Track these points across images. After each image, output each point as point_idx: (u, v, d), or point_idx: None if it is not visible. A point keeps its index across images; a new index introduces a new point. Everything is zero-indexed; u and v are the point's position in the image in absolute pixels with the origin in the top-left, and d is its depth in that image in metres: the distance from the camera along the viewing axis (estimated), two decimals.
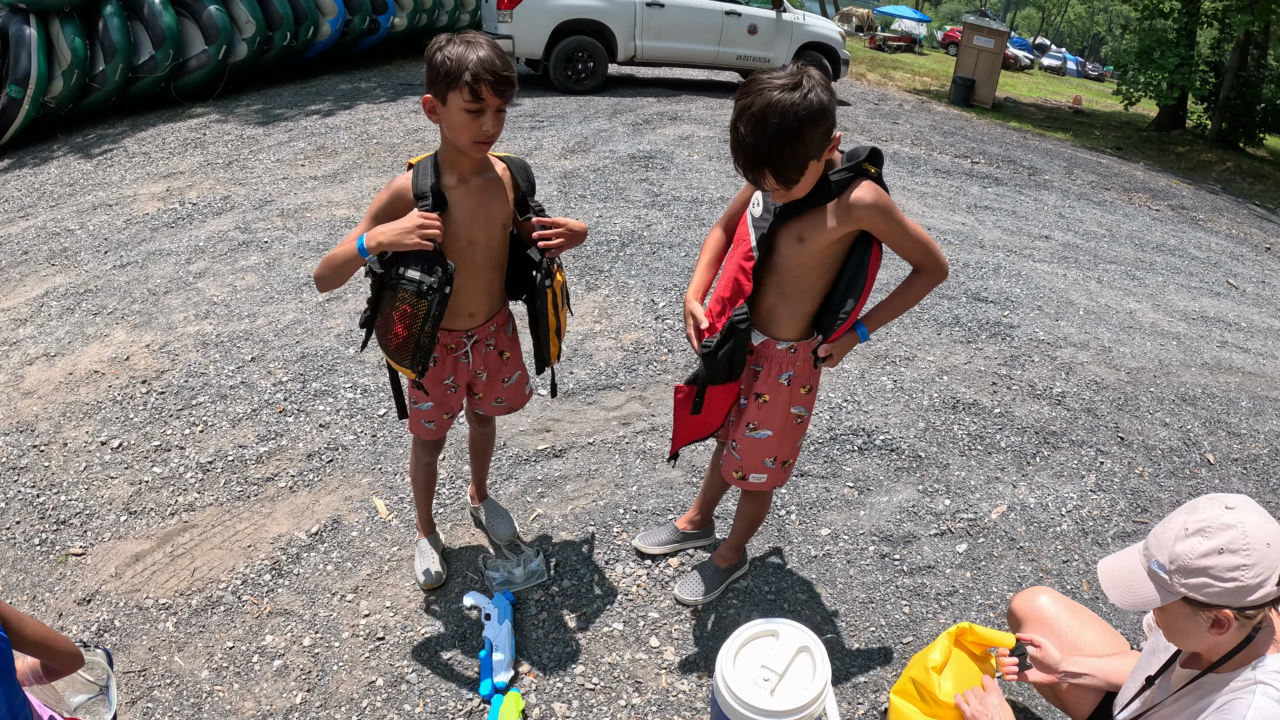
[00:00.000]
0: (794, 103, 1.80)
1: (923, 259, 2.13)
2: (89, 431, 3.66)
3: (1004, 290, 5.70)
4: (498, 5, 10.45)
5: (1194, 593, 1.43)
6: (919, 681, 2.08)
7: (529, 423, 3.73)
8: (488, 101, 1.99)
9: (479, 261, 2.27)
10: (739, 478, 2.43)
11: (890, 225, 2.04)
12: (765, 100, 1.82)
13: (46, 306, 4.85)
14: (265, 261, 5.35)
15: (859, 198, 1.98)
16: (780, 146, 1.83)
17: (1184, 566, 1.43)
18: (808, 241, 2.06)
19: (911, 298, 2.21)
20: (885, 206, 2.01)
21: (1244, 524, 1.42)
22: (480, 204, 2.20)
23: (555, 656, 2.56)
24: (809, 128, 1.83)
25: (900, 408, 4.06)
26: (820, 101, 1.83)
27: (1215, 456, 4.03)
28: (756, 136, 1.84)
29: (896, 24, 40.20)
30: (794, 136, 1.82)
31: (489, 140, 2.06)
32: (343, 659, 2.55)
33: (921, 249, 2.11)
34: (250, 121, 9.08)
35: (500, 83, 1.98)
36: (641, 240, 5.79)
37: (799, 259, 2.10)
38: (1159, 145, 16.20)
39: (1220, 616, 1.43)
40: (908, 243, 2.09)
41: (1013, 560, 3.12)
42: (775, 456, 2.37)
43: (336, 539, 3.03)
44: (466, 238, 2.21)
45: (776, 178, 1.89)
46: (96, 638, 2.63)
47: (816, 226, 2.04)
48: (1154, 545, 1.51)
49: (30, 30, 8.62)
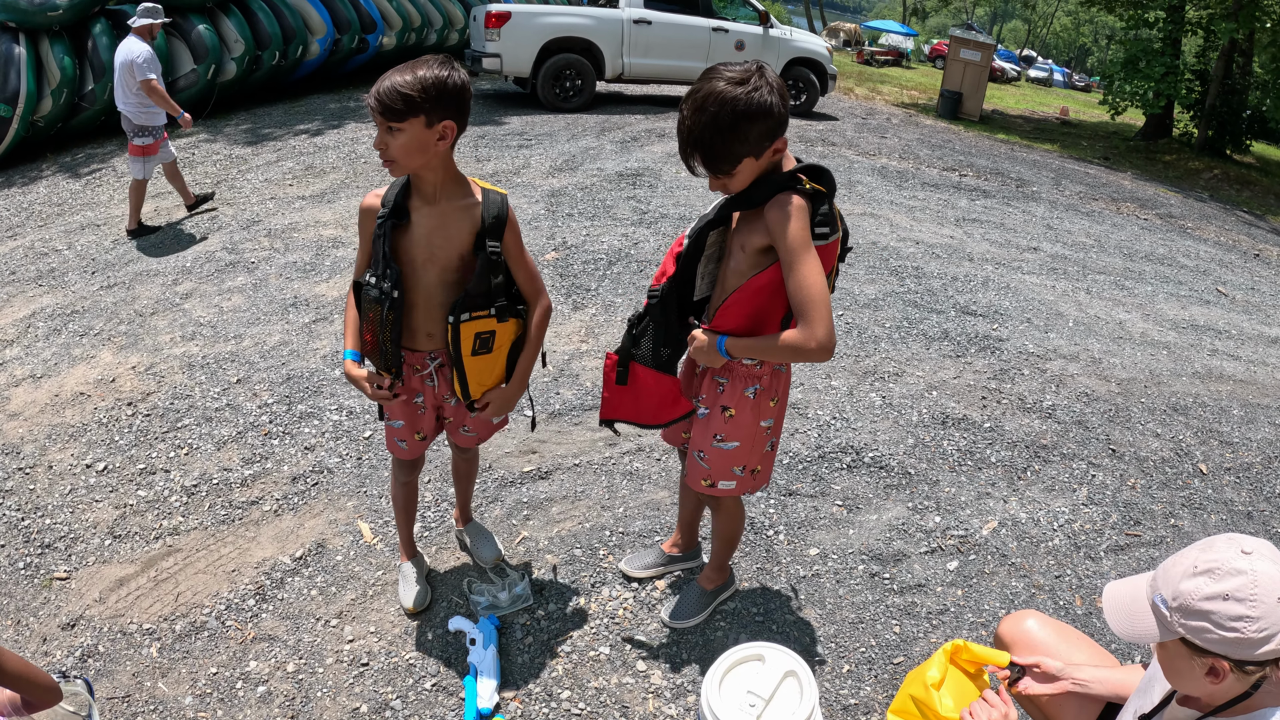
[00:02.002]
0: (735, 96, 1.83)
1: (798, 309, 1.94)
2: (74, 454, 3.63)
3: (993, 303, 5.71)
4: (485, 24, 10.49)
5: (1193, 636, 1.34)
6: (919, 699, 2.05)
7: (514, 444, 3.71)
8: (376, 121, 2.06)
9: (433, 281, 2.27)
10: (707, 485, 2.40)
11: (781, 246, 1.93)
12: (710, 88, 1.85)
13: (33, 327, 4.83)
14: (252, 282, 5.33)
15: (770, 206, 1.95)
16: (713, 134, 1.86)
17: (1185, 606, 1.34)
18: (746, 249, 2.07)
19: (776, 349, 2.02)
20: (783, 221, 1.91)
21: (1256, 572, 1.30)
22: (440, 226, 2.22)
23: (541, 681, 2.53)
24: (745, 123, 1.84)
25: (889, 424, 4.05)
26: (764, 101, 1.84)
27: (1208, 466, 4.03)
28: (693, 121, 1.88)
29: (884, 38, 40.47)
30: (728, 128, 1.85)
31: (382, 159, 2.10)
32: (327, 685, 2.52)
33: (799, 298, 1.92)
34: (239, 141, 9.08)
35: (377, 103, 2.01)
36: (629, 259, 5.79)
37: (744, 266, 2.09)
38: (1146, 154, 16.30)
39: (1217, 665, 1.34)
40: (790, 280, 1.93)
41: (1004, 577, 3.11)
42: (745, 465, 2.36)
43: (321, 563, 3.00)
44: (424, 255, 2.23)
45: (705, 164, 1.92)
46: (80, 663, 2.59)
47: (750, 235, 2.05)
48: (1161, 578, 1.42)
49: (19, 49, 8.63)
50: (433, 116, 2.05)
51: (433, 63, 2.05)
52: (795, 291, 1.93)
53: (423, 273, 2.25)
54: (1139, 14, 17.74)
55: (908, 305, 5.48)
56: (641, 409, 2.42)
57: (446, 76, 2.04)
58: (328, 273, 5.45)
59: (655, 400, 2.39)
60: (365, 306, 2.25)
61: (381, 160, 2.10)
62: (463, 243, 2.25)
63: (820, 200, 2.00)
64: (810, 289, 1.91)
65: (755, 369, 2.23)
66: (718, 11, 12.17)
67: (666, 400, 2.39)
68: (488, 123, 9.94)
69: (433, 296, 2.28)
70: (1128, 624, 1.44)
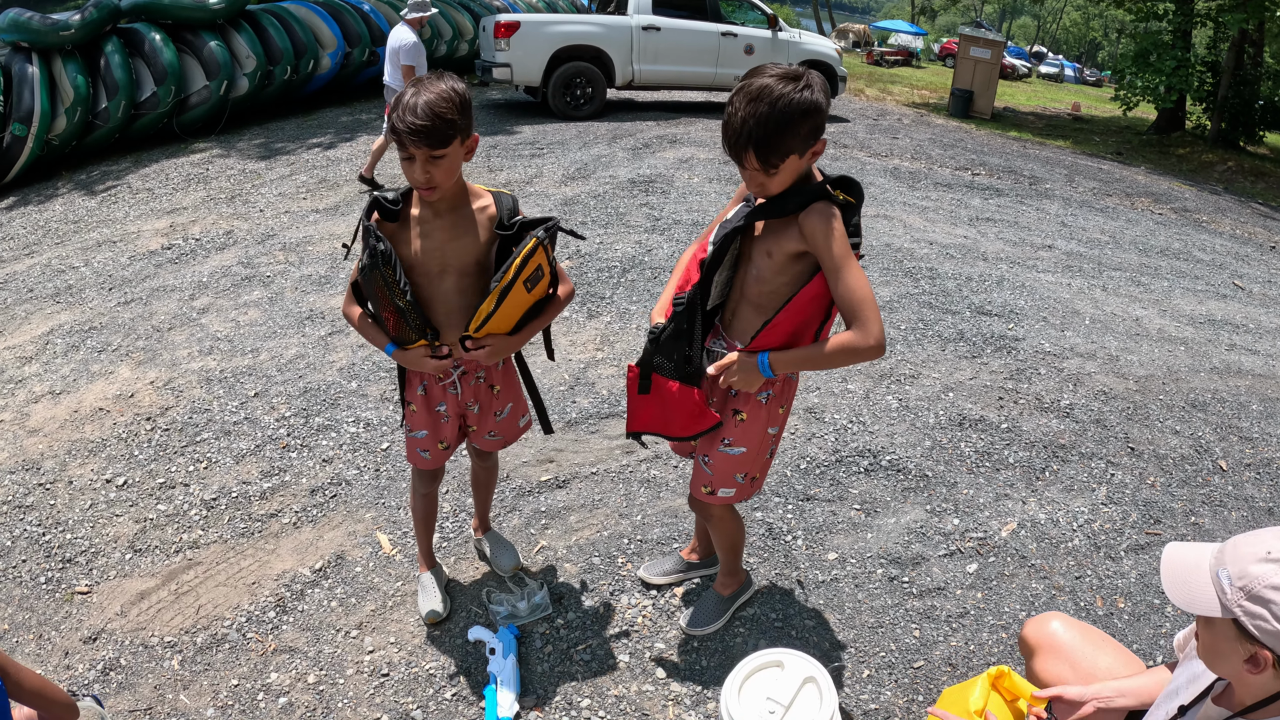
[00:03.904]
0: (789, 91, 1.87)
1: (850, 312, 1.99)
2: (94, 469, 3.66)
3: (1008, 302, 5.68)
4: (495, 33, 10.53)
5: (1248, 620, 1.30)
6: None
7: (532, 453, 3.71)
8: (412, 151, 2.03)
9: (450, 289, 2.28)
10: (707, 493, 2.40)
11: (826, 255, 1.97)
12: (764, 84, 1.89)
13: (52, 344, 4.88)
14: (268, 296, 5.37)
15: (808, 213, 1.99)
16: (768, 127, 1.88)
17: (1250, 590, 1.30)
18: (774, 256, 2.08)
19: (826, 356, 2.06)
20: (826, 231, 1.96)
21: None
22: (454, 237, 2.24)
23: (561, 690, 2.53)
24: (799, 118, 1.88)
25: (906, 427, 4.04)
26: (815, 100, 1.89)
27: (1228, 463, 3.99)
28: (747, 112, 1.89)
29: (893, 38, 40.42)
30: (782, 122, 1.87)
31: (425, 188, 2.10)
32: (347, 696, 2.52)
33: (852, 301, 1.97)
34: (252, 156, 9.15)
35: (414, 133, 1.98)
36: (643, 265, 5.79)
37: (770, 272, 2.10)
38: (1159, 148, 16.18)
39: (1260, 656, 1.31)
40: (839, 286, 1.98)
41: (1024, 579, 3.09)
42: (746, 472, 2.36)
43: (340, 575, 3.01)
44: (437, 267, 2.24)
45: (758, 156, 1.92)
46: (102, 676, 2.61)
47: (780, 241, 2.06)
48: (1230, 553, 1.37)
49: (33, 68, 8.74)
50: (464, 134, 2.10)
51: (438, 82, 2.06)
52: (846, 295, 1.98)
53: (438, 283, 2.26)
54: (1148, 6, 17.63)
55: (922, 306, 5.46)
56: (669, 420, 2.36)
57: (462, 90, 2.07)
58: (343, 285, 5.48)
59: (682, 412, 2.33)
60: (369, 283, 2.18)
61: (422, 190, 2.11)
62: (478, 246, 2.26)
63: (850, 211, 2.03)
64: (859, 290, 1.97)
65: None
66: (726, 16, 12.17)
67: (694, 412, 2.34)
68: (499, 132, 9.98)
69: (451, 305, 2.29)
70: (1182, 591, 1.39)
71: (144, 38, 9.45)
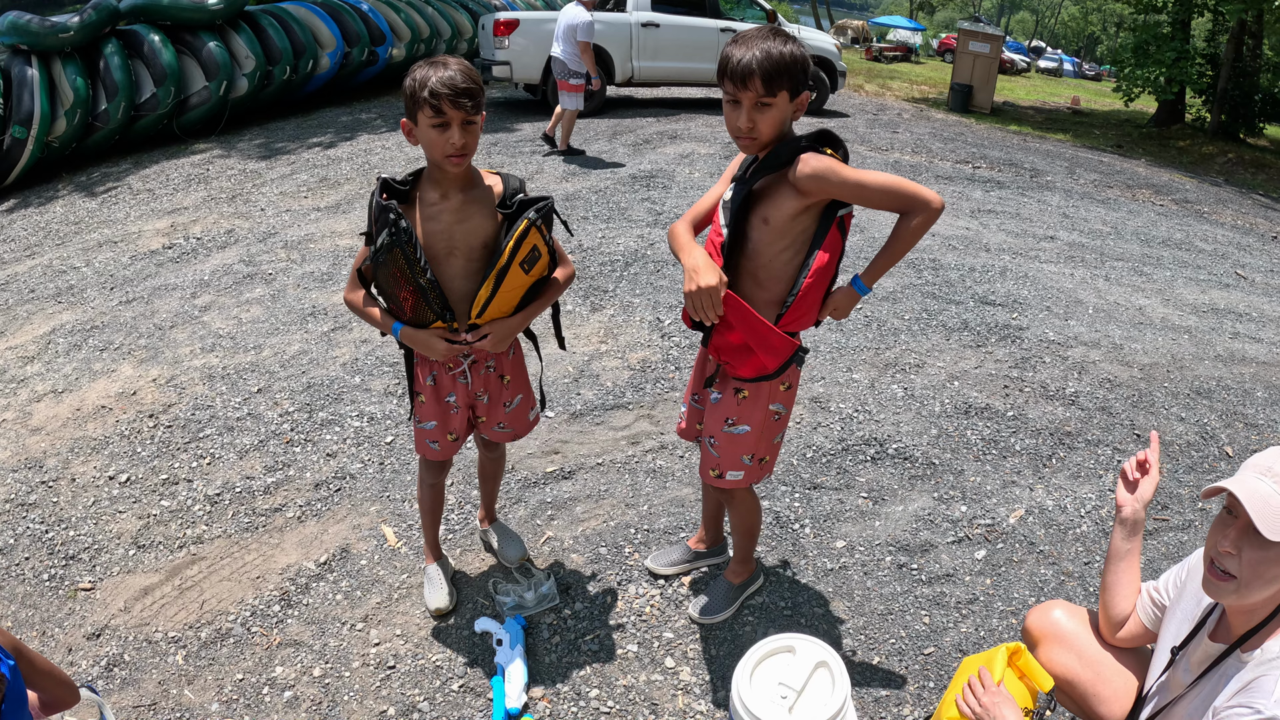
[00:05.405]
0: (786, 41, 2.01)
1: (899, 203, 2.06)
2: (97, 466, 3.65)
3: (1011, 293, 5.66)
4: (494, 32, 10.51)
5: None
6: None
7: (537, 445, 3.70)
8: (450, 115, 2.08)
9: (457, 272, 2.27)
10: (715, 476, 2.39)
11: (844, 185, 2.02)
12: (764, 32, 2.03)
13: (54, 343, 4.86)
14: (270, 293, 5.35)
15: (800, 169, 2.02)
16: (773, 57, 1.97)
17: None
18: (772, 222, 2.09)
19: (903, 240, 2.12)
20: (825, 169, 2.00)
21: None
22: (461, 219, 2.24)
23: (569, 681, 2.52)
24: (796, 61, 2.00)
25: (912, 415, 4.02)
26: (805, 54, 2.03)
27: (1234, 449, 3.97)
28: (755, 45, 1.99)
29: (892, 34, 40.40)
30: (785, 58, 1.98)
31: (460, 153, 2.13)
32: (354, 689, 2.51)
33: (892, 194, 2.05)
34: (252, 156, 9.13)
35: (459, 95, 2.06)
36: (645, 259, 5.78)
37: (767, 240, 2.11)
38: (1159, 141, 16.14)
39: None
40: (874, 194, 2.05)
41: (1033, 565, 3.07)
42: (753, 454, 2.35)
43: (345, 568, 3.00)
44: (444, 249, 2.24)
45: (763, 82, 1.98)
46: (106, 672, 2.60)
47: (777, 205, 2.08)
48: None
49: (32, 71, 8.72)
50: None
51: (449, 59, 2.12)
52: (883, 195, 2.05)
53: (446, 265, 2.25)
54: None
55: (926, 297, 5.44)
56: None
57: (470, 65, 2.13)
58: (345, 282, 5.46)
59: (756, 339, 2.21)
60: (384, 264, 2.16)
61: (455, 156, 2.13)
62: (485, 228, 2.26)
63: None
64: (889, 182, 2.05)
65: None
66: (725, 12, 12.14)
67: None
68: (500, 130, 9.96)
69: (458, 288, 2.28)
70: (1273, 522, 1.40)
71: (143, 39, 9.43)
